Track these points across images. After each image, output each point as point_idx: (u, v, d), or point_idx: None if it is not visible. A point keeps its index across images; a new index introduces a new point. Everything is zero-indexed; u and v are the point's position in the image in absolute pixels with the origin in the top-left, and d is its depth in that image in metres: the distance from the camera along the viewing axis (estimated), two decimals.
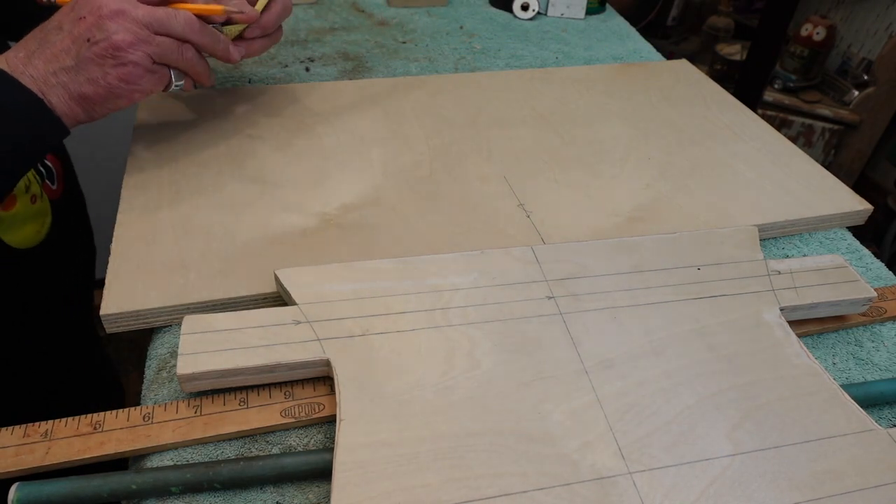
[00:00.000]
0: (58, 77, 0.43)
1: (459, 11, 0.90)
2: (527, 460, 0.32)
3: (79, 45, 0.43)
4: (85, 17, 0.44)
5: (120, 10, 0.44)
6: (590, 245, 0.44)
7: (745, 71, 1.77)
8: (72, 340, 0.64)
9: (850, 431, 0.35)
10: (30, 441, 0.33)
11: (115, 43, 0.44)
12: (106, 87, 0.45)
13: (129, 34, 0.44)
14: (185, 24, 0.47)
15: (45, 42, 0.44)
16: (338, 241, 0.46)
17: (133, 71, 0.45)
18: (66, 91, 0.44)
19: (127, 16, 0.44)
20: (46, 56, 0.43)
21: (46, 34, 0.44)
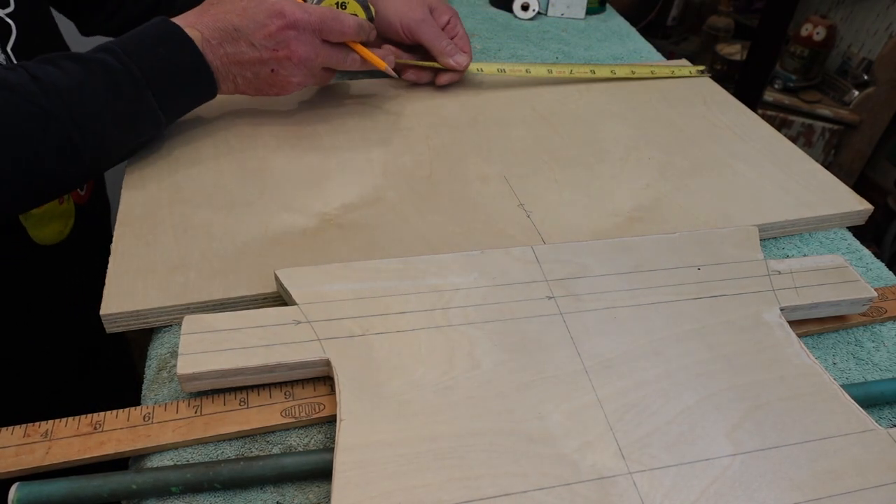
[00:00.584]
0: (236, 77, 0.51)
1: (459, 11, 0.89)
2: (527, 460, 0.32)
3: (263, 69, 0.51)
4: (278, 50, 0.50)
5: (309, 57, 0.51)
6: (590, 245, 0.44)
7: (745, 71, 1.77)
8: (81, 339, 0.64)
9: (851, 431, 0.35)
10: (30, 441, 0.33)
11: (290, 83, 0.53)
12: (274, 89, 0.53)
13: (304, 77, 0.53)
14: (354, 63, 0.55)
15: (237, 48, 0.50)
16: (338, 241, 0.46)
17: (286, 93, 0.54)
18: (236, 87, 0.52)
19: (312, 62, 0.52)
20: (236, 63, 0.50)
21: (237, 40, 0.49)
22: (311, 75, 0.54)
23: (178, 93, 0.49)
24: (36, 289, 0.57)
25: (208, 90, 0.51)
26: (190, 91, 0.50)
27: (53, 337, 0.60)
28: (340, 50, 0.54)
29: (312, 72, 0.54)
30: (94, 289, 0.41)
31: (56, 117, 0.41)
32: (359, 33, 0.53)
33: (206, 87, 0.50)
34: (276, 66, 0.51)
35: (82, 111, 0.43)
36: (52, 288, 0.58)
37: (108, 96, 0.44)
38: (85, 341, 0.64)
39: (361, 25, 0.53)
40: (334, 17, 0.51)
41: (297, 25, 0.50)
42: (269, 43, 0.50)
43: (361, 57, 0.55)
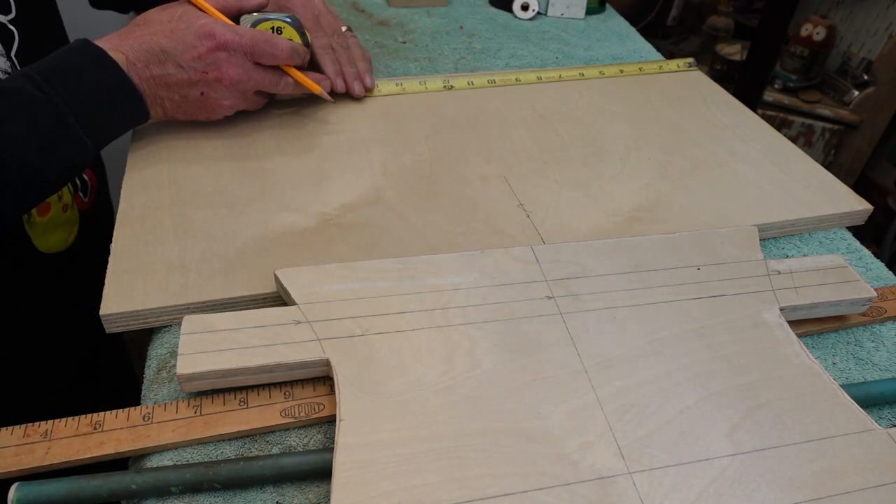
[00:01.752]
0: (164, 101, 0.50)
1: (459, 11, 0.90)
2: (527, 460, 0.32)
3: (192, 91, 0.50)
4: (207, 72, 0.49)
5: (240, 80, 0.51)
6: (590, 245, 0.44)
7: (745, 71, 1.77)
8: (82, 340, 0.64)
9: (850, 431, 0.35)
10: (29, 441, 0.33)
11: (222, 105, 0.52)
12: (204, 112, 0.53)
13: (235, 100, 0.52)
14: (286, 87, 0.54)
15: (165, 70, 0.48)
16: (338, 241, 0.46)
17: (217, 117, 0.53)
18: (164, 112, 0.51)
19: (243, 85, 0.51)
20: (164, 85, 0.49)
21: (164, 62, 0.48)
22: (243, 99, 0.53)
23: (105, 117, 0.46)
24: (39, 294, 0.57)
25: (138, 113, 0.49)
26: (118, 115, 0.48)
27: (54, 338, 0.60)
28: (273, 73, 0.53)
29: (244, 95, 0.53)
30: (95, 291, 0.41)
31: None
32: (292, 57, 0.53)
33: (136, 111, 0.49)
34: (205, 88, 0.50)
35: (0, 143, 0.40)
36: (55, 293, 0.59)
37: (26, 126, 0.41)
38: (86, 342, 0.64)
39: (295, 49, 0.53)
40: (266, 40, 0.50)
41: (227, 47, 0.49)
42: (198, 65, 0.49)
43: (295, 81, 0.55)
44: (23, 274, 0.55)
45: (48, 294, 0.58)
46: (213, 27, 0.49)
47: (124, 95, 0.47)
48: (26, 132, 0.41)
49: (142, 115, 0.49)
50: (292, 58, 0.53)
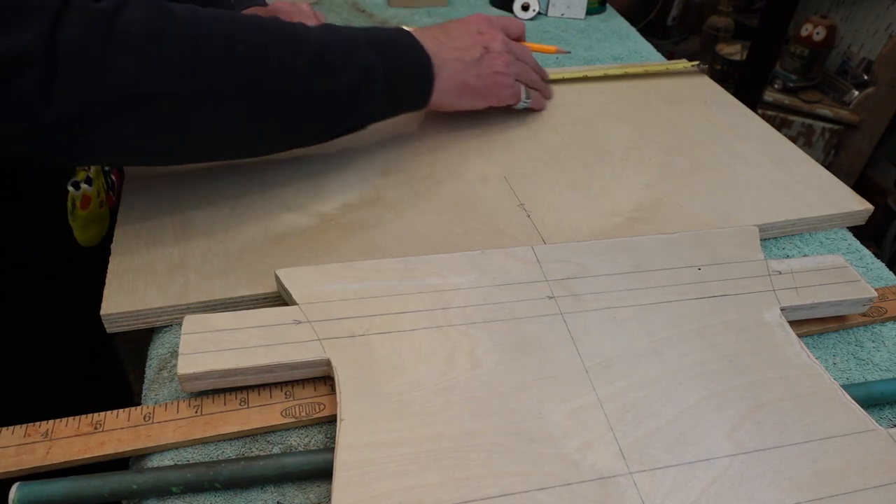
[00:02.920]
0: (453, 63, 0.55)
1: (460, 11, 0.90)
2: (527, 460, 0.32)
3: (476, 49, 0.56)
4: (483, 32, 0.58)
5: (505, 40, 0.59)
6: (590, 245, 0.44)
7: (745, 71, 1.77)
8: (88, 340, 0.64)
9: (851, 431, 0.35)
10: (30, 441, 0.33)
11: (505, 60, 0.58)
12: (482, 84, 0.57)
13: (509, 57, 0.58)
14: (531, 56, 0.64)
15: (449, 34, 0.56)
16: (338, 241, 0.46)
17: (502, 80, 0.58)
18: (455, 74, 0.55)
19: (509, 46, 0.59)
20: (450, 44, 0.55)
21: (447, 30, 0.57)
22: (514, 63, 0.59)
23: (396, 58, 0.50)
24: (74, 286, 0.58)
25: (426, 70, 0.52)
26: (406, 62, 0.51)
27: (61, 336, 0.60)
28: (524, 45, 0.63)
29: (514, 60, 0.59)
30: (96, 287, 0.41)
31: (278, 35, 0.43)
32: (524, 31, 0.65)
33: (424, 66, 0.52)
34: (486, 44, 0.57)
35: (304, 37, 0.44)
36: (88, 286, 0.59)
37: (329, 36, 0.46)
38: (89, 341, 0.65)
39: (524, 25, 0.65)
40: (507, 17, 0.62)
41: (490, 23, 0.59)
42: (472, 29, 0.57)
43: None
44: (61, 265, 0.56)
45: (81, 287, 0.58)
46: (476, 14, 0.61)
47: (414, 52, 0.52)
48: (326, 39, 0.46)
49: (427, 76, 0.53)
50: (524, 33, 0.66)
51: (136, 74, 0.37)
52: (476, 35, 0.56)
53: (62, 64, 0.35)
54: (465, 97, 0.56)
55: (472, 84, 0.56)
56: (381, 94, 0.49)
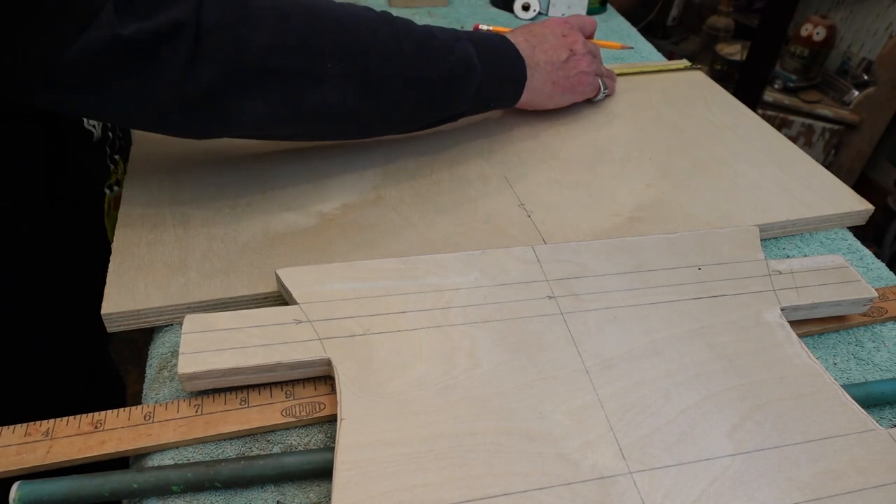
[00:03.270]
0: (546, 65, 0.58)
1: (460, 11, 0.90)
2: (527, 460, 0.32)
3: (563, 51, 0.59)
4: (567, 35, 0.60)
5: (584, 41, 0.62)
6: (591, 245, 0.44)
7: (745, 71, 1.77)
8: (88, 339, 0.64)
9: (851, 431, 0.35)
10: (31, 440, 0.33)
11: (588, 61, 0.61)
12: (570, 84, 0.60)
13: (588, 54, 0.62)
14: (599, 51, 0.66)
15: (539, 37, 0.59)
16: (338, 241, 0.46)
17: (586, 79, 0.61)
18: (546, 75, 0.58)
19: (588, 45, 0.62)
20: (542, 48, 0.58)
21: (534, 32, 0.59)
22: (593, 62, 0.62)
23: (494, 56, 0.52)
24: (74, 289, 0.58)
25: (519, 69, 0.55)
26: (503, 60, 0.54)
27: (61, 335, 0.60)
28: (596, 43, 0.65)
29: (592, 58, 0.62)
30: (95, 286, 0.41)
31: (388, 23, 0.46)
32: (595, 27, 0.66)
33: (518, 66, 0.55)
34: (571, 45, 0.59)
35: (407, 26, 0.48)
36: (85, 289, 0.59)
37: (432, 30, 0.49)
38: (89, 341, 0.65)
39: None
40: (582, 17, 0.64)
41: (571, 26, 0.61)
42: (558, 31, 0.60)
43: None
44: (93, 262, 0.56)
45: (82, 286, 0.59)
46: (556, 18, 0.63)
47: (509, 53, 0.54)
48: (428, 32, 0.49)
49: (521, 75, 0.55)
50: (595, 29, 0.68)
51: (263, 52, 0.40)
52: (561, 38, 0.59)
53: (204, 40, 0.38)
54: (554, 96, 0.60)
55: (562, 84, 0.59)
56: (479, 87, 0.51)
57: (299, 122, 0.46)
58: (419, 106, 0.50)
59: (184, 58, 0.37)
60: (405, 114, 0.50)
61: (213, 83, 0.39)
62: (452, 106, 0.52)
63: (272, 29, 0.40)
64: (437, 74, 0.48)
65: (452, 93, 0.50)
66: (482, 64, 0.51)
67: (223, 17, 0.38)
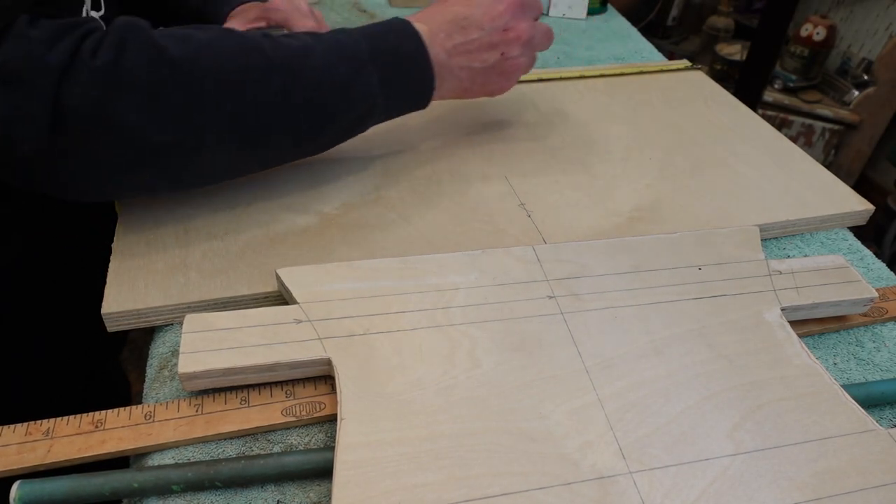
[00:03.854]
0: (461, 72, 0.50)
1: None
2: (527, 459, 0.32)
3: (492, 55, 0.50)
4: (507, 30, 0.50)
5: (531, 36, 0.51)
6: (591, 245, 0.44)
7: (745, 71, 1.77)
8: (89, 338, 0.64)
9: (851, 431, 0.35)
10: (31, 439, 0.33)
11: (519, 65, 0.52)
12: (487, 92, 0.53)
13: (529, 59, 0.53)
14: (550, 44, 0.54)
15: (466, 36, 0.49)
16: (339, 241, 0.46)
17: (511, 85, 0.53)
18: (460, 84, 0.51)
19: (533, 41, 0.52)
20: (465, 53, 0.49)
21: (466, 26, 0.49)
22: (531, 58, 0.53)
23: (399, 78, 0.47)
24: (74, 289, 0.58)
25: (426, 85, 0.49)
26: (409, 80, 0.48)
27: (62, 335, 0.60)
28: (548, 28, 0.54)
29: (532, 54, 0.53)
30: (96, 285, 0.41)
31: (278, 68, 0.42)
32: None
33: (425, 82, 0.49)
34: (505, 48, 0.50)
35: (304, 66, 0.43)
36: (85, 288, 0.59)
37: (332, 60, 0.44)
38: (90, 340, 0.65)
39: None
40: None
41: (523, 4, 0.50)
42: (499, 24, 0.49)
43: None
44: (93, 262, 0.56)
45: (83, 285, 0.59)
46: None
47: (418, 66, 0.48)
48: (329, 66, 0.44)
49: (428, 87, 0.49)
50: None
51: (139, 126, 0.37)
52: (499, 33, 0.50)
53: (68, 124, 0.36)
54: (462, 97, 0.54)
55: (474, 90, 0.53)
56: (381, 115, 0.49)
57: (181, 186, 0.44)
58: (316, 145, 0.47)
59: (40, 144, 0.36)
60: (300, 153, 0.48)
61: (82, 165, 0.37)
62: (347, 135, 0.49)
63: (144, 106, 0.37)
64: (334, 121, 0.46)
65: (349, 130, 0.48)
66: (385, 90, 0.47)
67: (88, 99, 0.35)
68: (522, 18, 0.50)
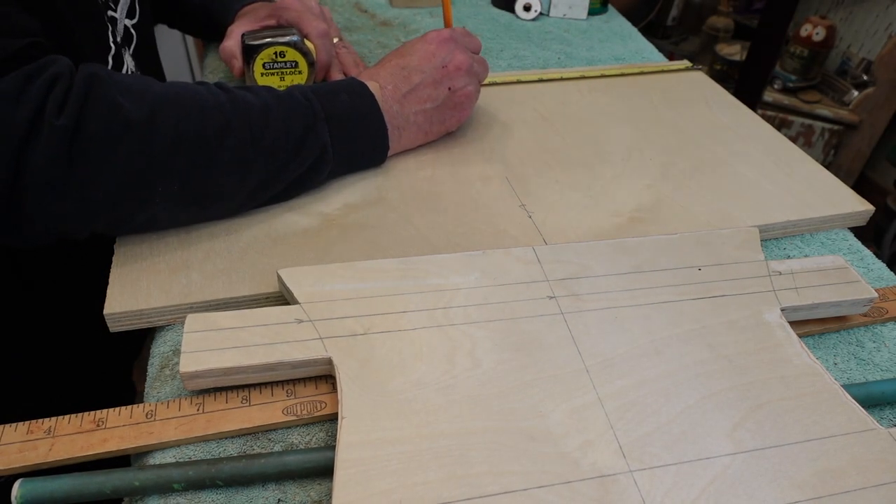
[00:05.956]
0: (417, 116, 0.52)
1: (462, 12, 0.90)
2: (528, 458, 0.32)
3: (440, 91, 0.52)
4: (446, 65, 0.52)
5: (470, 65, 0.53)
6: (591, 245, 0.44)
7: (745, 71, 1.77)
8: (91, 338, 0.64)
9: (851, 431, 0.35)
10: (33, 438, 0.33)
11: (469, 93, 0.54)
12: (446, 129, 0.55)
13: (475, 85, 0.54)
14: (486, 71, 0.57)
15: (411, 82, 0.51)
16: (340, 241, 0.46)
17: (468, 115, 0.56)
18: (419, 129, 0.53)
19: (473, 68, 0.54)
20: (415, 97, 0.52)
21: (408, 73, 0.52)
22: (477, 83, 0.55)
23: (351, 136, 0.49)
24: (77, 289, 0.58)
25: (380, 142, 0.51)
26: (363, 139, 0.50)
27: (64, 334, 0.61)
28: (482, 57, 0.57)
29: (477, 79, 0.55)
30: (99, 287, 0.41)
31: (236, 129, 0.42)
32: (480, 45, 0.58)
33: (378, 139, 0.51)
34: (450, 82, 0.52)
35: (262, 126, 0.44)
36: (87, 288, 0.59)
37: (288, 119, 0.45)
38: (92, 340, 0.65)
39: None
40: (464, 32, 0.55)
41: (450, 38, 0.53)
42: (436, 62, 0.52)
43: None
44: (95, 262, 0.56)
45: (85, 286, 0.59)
46: (430, 31, 0.54)
47: (373, 123, 0.50)
48: (284, 124, 0.45)
49: (383, 144, 0.51)
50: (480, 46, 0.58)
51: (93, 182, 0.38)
52: (439, 70, 0.52)
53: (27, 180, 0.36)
54: (425, 141, 0.56)
55: (434, 131, 0.55)
56: (335, 169, 0.50)
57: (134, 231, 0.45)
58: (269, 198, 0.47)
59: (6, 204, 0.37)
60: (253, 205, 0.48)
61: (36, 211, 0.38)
62: (302, 190, 0.49)
63: (99, 162, 0.38)
64: (284, 178, 0.46)
65: (301, 185, 0.49)
66: (337, 147, 0.48)
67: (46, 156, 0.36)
68: (457, 50, 0.53)
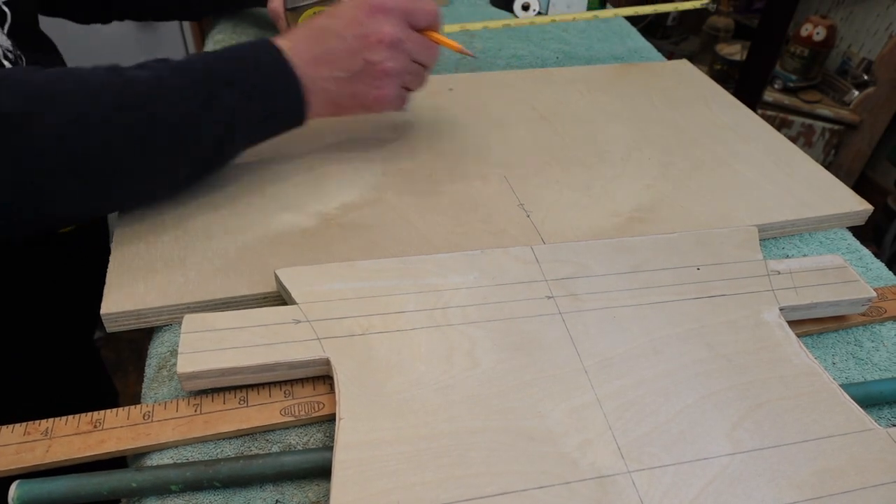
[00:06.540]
0: (326, 83, 0.47)
1: (460, 11, 0.90)
2: (526, 459, 0.32)
3: (355, 61, 0.47)
4: (368, 35, 0.47)
5: (397, 39, 0.48)
6: (590, 245, 0.44)
7: (745, 71, 1.77)
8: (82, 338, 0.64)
9: (850, 431, 0.35)
10: (30, 439, 0.33)
11: (387, 70, 0.48)
12: (361, 104, 0.50)
13: (398, 63, 0.49)
14: (434, 56, 0.51)
15: (326, 45, 0.47)
16: (338, 241, 0.46)
17: (387, 94, 0.50)
18: (328, 96, 0.48)
19: (402, 45, 0.48)
20: (325, 62, 0.47)
21: (326, 38, 0.47)
22: (402, 64, 0.49)
23: (261, 95, 0.45)
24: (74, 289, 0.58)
25: (294, 99, 0.47)
26: (274, 97, 0.46)
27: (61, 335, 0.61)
28: (424, 39, 0.50)
29: (407, 66, 0.49)
30: (94, 287, 0.41)
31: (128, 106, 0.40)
32: (438, 18, 0.51)
33: (292, 97, 0.47)
34: (367, 53, 0.47)
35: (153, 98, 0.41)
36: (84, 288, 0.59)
37: (185, 88, 0.42)
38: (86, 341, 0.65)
39: (439, 10, 0.51)
40: (418, 3, 0.49)
41: (384, 8, 0.47)
42: (358, 31, 0.47)
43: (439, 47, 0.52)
44: (92, 262, 0.55)
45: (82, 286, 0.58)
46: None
47: (281, 81, 0.46)
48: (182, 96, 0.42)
49: (297, 105, 0.47)
50: (438, 19, 0.51)
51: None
52: (359, 39, 0.47)
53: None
54: (340, 114, 0.51)
55: (346, 105, 0.50)
56: (246, 135, 0.47)
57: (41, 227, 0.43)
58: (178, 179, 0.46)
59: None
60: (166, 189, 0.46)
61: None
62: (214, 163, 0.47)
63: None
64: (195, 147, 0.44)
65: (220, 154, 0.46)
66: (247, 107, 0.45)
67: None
68: (386, 23, 0.47)
